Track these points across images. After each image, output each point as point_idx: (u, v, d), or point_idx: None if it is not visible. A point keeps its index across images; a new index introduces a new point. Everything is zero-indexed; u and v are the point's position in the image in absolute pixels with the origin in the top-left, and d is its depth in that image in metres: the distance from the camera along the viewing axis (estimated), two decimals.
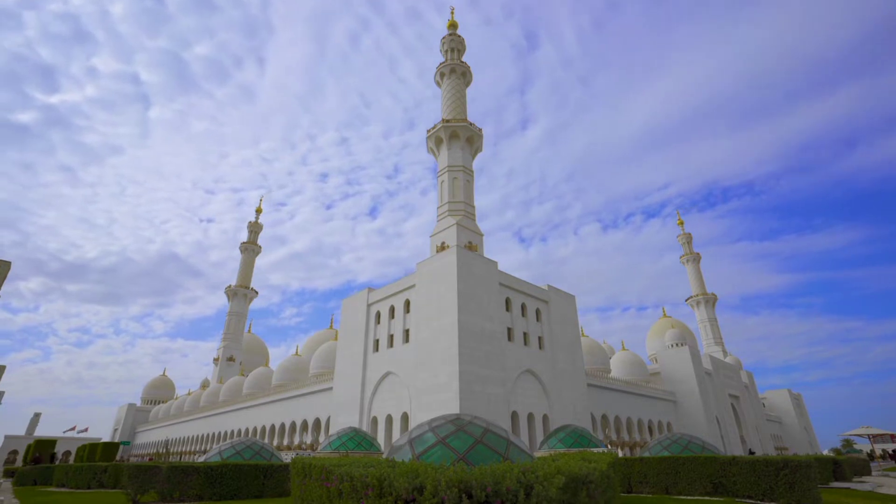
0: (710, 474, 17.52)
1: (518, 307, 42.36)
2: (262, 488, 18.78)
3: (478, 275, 38.28)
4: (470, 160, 54.09)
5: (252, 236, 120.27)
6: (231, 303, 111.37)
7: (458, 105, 57.51)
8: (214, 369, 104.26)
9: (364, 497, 6.52)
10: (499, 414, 34.57)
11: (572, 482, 6.63)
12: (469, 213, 50.11)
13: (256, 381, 71.12)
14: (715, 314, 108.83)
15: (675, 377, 66.96)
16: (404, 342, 40.48)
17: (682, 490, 18.04)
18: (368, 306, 45.92)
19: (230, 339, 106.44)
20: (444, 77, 59.85)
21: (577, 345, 48.13)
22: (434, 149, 55.47)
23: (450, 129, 53.33)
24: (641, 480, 19.39)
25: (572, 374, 45.30)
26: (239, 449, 22.47)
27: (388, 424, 39.04)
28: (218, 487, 17.77)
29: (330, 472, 7.86)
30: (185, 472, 17.75)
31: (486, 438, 10.70)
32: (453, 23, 63.81)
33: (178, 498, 17.62)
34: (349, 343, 46.83)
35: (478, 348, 35.42)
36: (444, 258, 38.46)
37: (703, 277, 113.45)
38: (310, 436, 52.23)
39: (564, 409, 42.13)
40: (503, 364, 37.49)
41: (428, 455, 10.23)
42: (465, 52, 63.19)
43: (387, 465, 7.53)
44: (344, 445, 27.58)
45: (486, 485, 5.88)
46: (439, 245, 47.01)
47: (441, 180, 52.06)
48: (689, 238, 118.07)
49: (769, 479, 16.13)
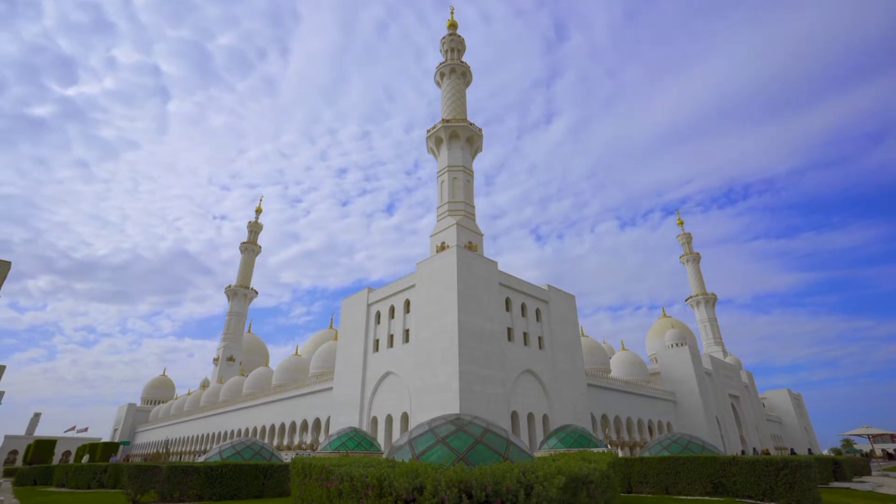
0: (710, 474, 17.52)
1: (518, 307, 42.36)
2: (262, 488, 18.79)
3: (478, 275, 38.29)
4: (470, 160, 54.10)
5: (252, 236, 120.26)
6: (231, 303, 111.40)
7: (459, 105, 57.51)
8: (214, 369, 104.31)
9: (364, 497, 6.52)
10: (499, 414, 34.57)
11: (572, 482, 6.63)
12: (469, 214, 50.14)
13: (256, 381, 71.10)
14: (715, 314, 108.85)
15: (675, 377, 66.97)
16: (404, 342, 40.49)
17: (682, 490, 18.05)
18: (368, 306, 45.93)
19: (230, 339, 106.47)
20: (444, 77, 59.85)
21: (577, 345, 48.14)
22: (434, 149, 55.48)
23: (450, 129, 53.34)
24: (641, 480, 19.39)
25: (572, 374, 45.30)
26: (239, 449, 22.48)
27: (388, 424, 39.04)
28: (218, 487, 17.77)
29: (330, 472, 7.86)
30: (185, 472, 17.76)
31: (486, 438, 10.70)
32: (453, 23, 63.79)
33: (178, 498, 17.62)
34: (349, 343, 46.83)
35: (478, 348, 35.42)
36: (444, 258, 38.47)
37: (703, 277, 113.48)
38: (310, 436, 52.22)
39: (564, 409, 42.13)
40: (503, 364, 37.49)
41: (428, 455, 10.23)
42: (465, 52, 63.20)
43: (387, 465, 7.53)
44: (344, 445, 27.58)
45: (486, 485, 5.88)
46: (439, 245, 47.02)
47: (441, 180, 52.09)
48: (689, 238, 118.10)
49: (769, 479, 16.13)
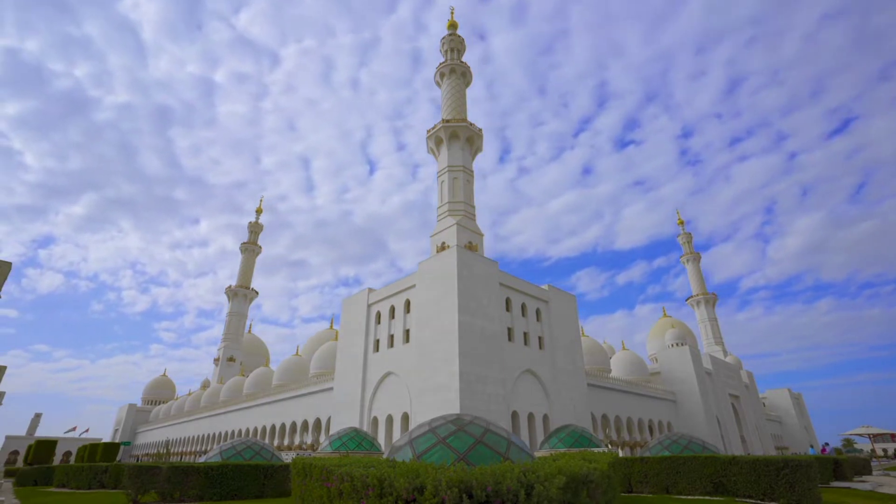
0: (711, 474, 17.52)
1: (518, 307, 42.35)
2: (262, 488, 18.78)
3: (478, 275, 38.28)
4: (470, 160, 54.10)
5: (252, 237, 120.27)
6: (231, 303, 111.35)
7: (459, 105, 57.50)
8: (215, 369, 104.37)
9: (364, 497, 6.52)
10: (499, 414, 34.57)
11: (573, 482, 6.63)
12: (469, 214, 50.14)
13: (257, 382, 71.09)
14: (715, 314, 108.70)
15: (675, 377, 66.94)
16: (404, 342, 40.48)
17: (682, 490, 18.05)
18: (369, 306, 45.92)
19: (230, 339, 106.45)
20: (444, 77, 59.83)
21: (577, 345, 48.12)
22: (434, 149, 55.46)
23: (450, 130, 53.32)
24: (642, 480, 19.39)
25: (572, 374, 45.29)
26: (239, 449, 22.48)
27: (389, 424, 39.03)
28: (218, 488, 17.76)
29: (330, 472, 7.87)
30: (186, 473, 17.74)
31: (487, 438, 10.70)
32: (453, 23, 63.79)
33: (179, 498, 17.62)
34: (349, 343, 46.83)
35: (478, 348, 35.42)
36: (444, 258, 38.46)
37: (703, 277, 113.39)
38: (310, 436, 52.22)
39: (564, 409, 42.12)
40: (503, 364, 37.49)
41: (428, 455, 10.23)
42: (465, 52, 63.22)
43: (387, 465, 7.54)
44: (344, 445, 27.57)
45: (487, 485, 5.89)
46: (439, 245, 47.01)
47: (441, 180, 52.07)
48: (689, 238, 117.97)
49: (769, 479, 16.12)
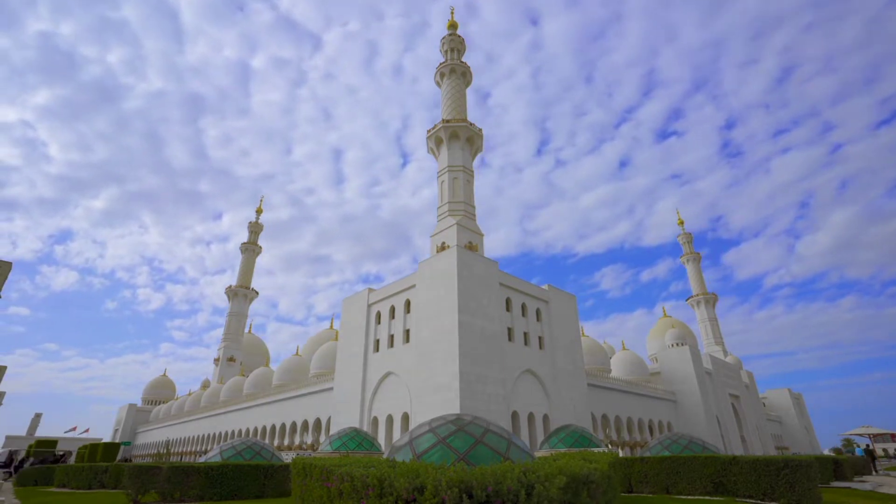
0: (711, 474, 17.51)
1: (518, 307, 42.34)
2: (262, 488, 18.77)
3: (478, 275, 38.27)
4: (470, 160, 54.10)
5: (252, 236, 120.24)
6: (231, 303, 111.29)
7: (459, 105, 57.50)
8: (215, 369, 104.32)
9: (364, 497, 6.52)
10: (499, 414, 34.56)
11: (573, 482, 6.63)
12: (469, 214, 50.14)
13: (257, 382, 71.08)
14: (715, 314, 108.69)
15: (675, 377, 66.92)
16: (405, 342, 40.47)
17: (682, 490, 18.04)
18: (369, 306, 45.91)
19: (230, 339, 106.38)
20: (444, 77, 59.83)
21: (578, 345, 48.12)
22: (434, 149, 55.46)
23: (450, 130, 53.31)
24: (642, 480, 19.39)
25: (572, 374, 45.28)
26: (239, 449, 22.47)
27: (389, 424, 39.02)
28: (218, 488, 17.76)
29: (330, 472, 7.86)
30: (186, 473, 17.73)
31: (487, 438, 10.70)
32: (453, 23, 63.80)
33: (179, 498, 17.61)
34: (349, 343, 46.82)
35: (478, 348, 35.41)
36: (444, 258, 38.46)
37: (703, 277, 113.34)
38: (310, 436, 52.22)
39: (565, 409, 42.11)
40: (503, 364, 37.48)
41: (428, 455, 10.23)
42: (465, 52, 63.23)
43: (387, 465, 7.54)
44: (344, 445, 27.57)
45: (487, 485, 5.88)
46: (439, 245, 47.00)
47: (441, 180, 52.07)
48: (689, 238, 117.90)
49: (770, 479, 16.11)
